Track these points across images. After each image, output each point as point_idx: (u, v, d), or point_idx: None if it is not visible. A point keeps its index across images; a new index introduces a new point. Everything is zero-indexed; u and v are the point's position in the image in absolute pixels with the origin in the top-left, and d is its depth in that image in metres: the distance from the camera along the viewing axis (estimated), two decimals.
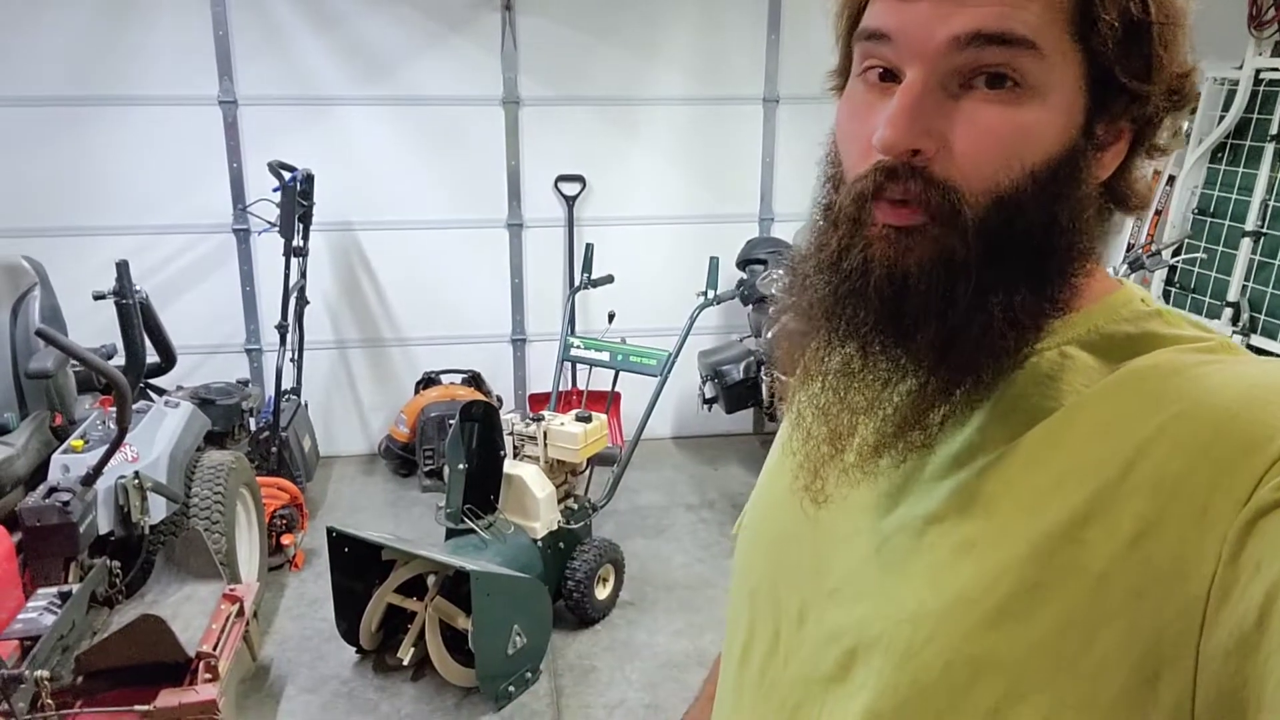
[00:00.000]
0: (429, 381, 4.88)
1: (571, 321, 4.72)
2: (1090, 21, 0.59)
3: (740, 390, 4.53)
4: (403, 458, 4.73)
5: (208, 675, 2.56)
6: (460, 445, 3.27)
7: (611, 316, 3.97)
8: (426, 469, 4.58)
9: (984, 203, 0.60)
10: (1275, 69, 3.92)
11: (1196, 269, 4.25)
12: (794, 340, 0.72)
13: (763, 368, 4.44)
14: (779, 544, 0.78)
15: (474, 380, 4.91)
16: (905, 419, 0.65)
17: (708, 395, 4.64)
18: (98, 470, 2.74)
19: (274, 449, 4.09)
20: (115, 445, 2.73)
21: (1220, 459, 0.54)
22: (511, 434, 3.47)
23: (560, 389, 4.44)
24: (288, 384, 4.40)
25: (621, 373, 3.91)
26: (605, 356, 3.88)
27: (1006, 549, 0.59)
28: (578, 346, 3.96)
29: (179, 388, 4.14)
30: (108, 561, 2.82)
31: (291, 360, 4.41)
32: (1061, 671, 0.56)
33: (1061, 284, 0.63)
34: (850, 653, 0.66)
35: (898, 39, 0.62)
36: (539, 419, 3.45)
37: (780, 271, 4.09)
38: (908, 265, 0.62)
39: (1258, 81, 4.00)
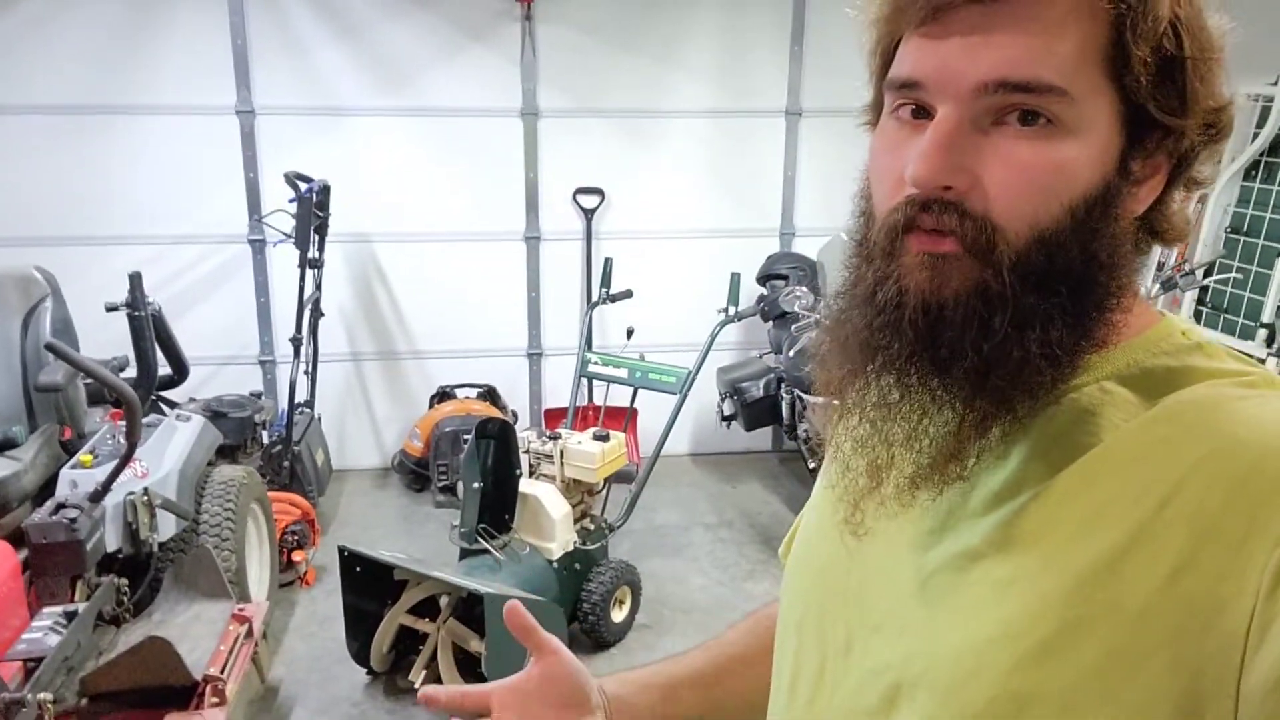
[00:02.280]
0: (444, 395, 4.83)
1: (589, 337, 4.66)
2: (1123, 58, 0.59)
3: (760, 408, 4.45)
4: (416, 473, 4.67)
5: (215, 699, 2.50)
6: (475, 463, 3.20)
7: (630, 332, 3.91)
8: (440, 485, 4.51)
9: (1023, 240, 0.60)
10: None
11: (1229, 289, 4.15)
12: (829, 364, 0.72)
13: (783, 385, 4.36)
14: (824, 575, 0.78)
15: (489, 395, 4.85)
16: (941, 452, 0.65)
17: (726, 412, 4.56)
18: (106, 486, 2.69)
19: (286, 463, 4.03)
20: (124, 461, 2.68)
21: (1257, 495, 0.53)
22: (528, 452, 3.41)
23: (577, 405, 4.38)
24: (301, 397, 4.35)
25: (640, 389, 3.84)
26: (623, 373, 3.81)
27: (1048, 584, 0.59)
28: (595, 363, 3.89)
29: (191, 400, 4.10)
30: (115, 580, 2.76)
31: (305, 373, 4.36)
32: (1106, 705, 0.56)
33: (1099, 319, 0.63)
34: (894, 688, 0.66)
35: (927, 82, 0.62)
36: (556, 437, 3.38)
37: (811, 297, 4.02)
38: (944, 295, 0.62)
39: None
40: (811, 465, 4.28)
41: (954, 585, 0.65)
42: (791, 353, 4.02)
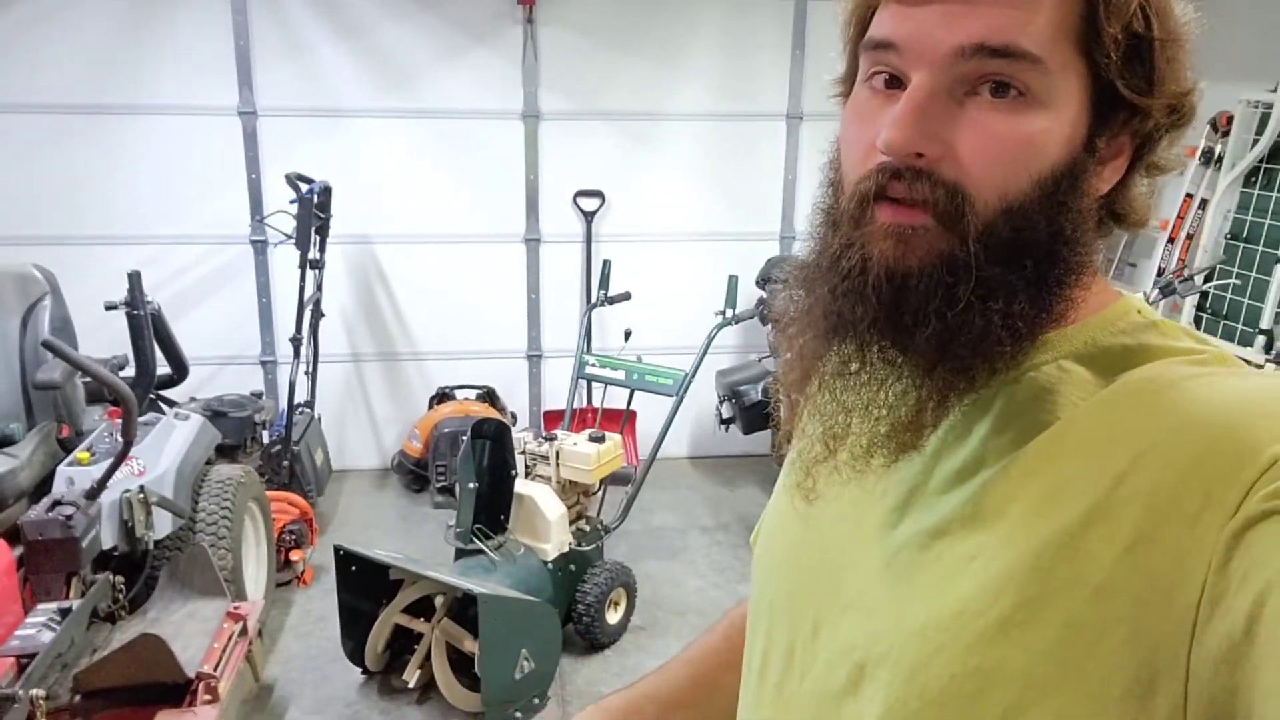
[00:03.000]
0: (443, 397, 4.83)
1: (589, 338, 4.66)
2: (1095, 34, 0.60)
3: (758, 411, 4.45)
4: (415, 473, 4.68)
5: (207, 697, 2.51)
6: (471, 464, 3.21)
7: (628, 334, 3.92)
8: (439, 485, 4.52)
9: (991, 209, 0.61)
10: None
11: (1229, 295, 4.14)
12: (794, 331, 0.72)
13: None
14: (793, 558, 0.78)
15: (489, 396, 4.86)
16: (898, 419, 0.66)
17: (725, 415, 4.56)
18: (101, 484, 2.70)
19: (285, 463, 4.04)
20: (119, 459, 2.69)
21: (1211, 471, 0.54)
22: (524, 453, 3.41)
23: (577, 406, 4.38)
24: (302, 397, 4.37)
25: (639, 391, 3.85)
26: (620, 375, 3.82)
27: (1008, 560, 0.60)
28: (593, 364, 3.90)
29: (192, 399, 4.12)
30: (110, 577, 2.78)
31: (306, 373, 4.37)
32: (1068, 678, 0.57)
33: (1060, 295, 0.64)
34: (860, 667, 0.67)
35: (904, 46, 0.62)
36: (551, 438, 3.38)
37: (779, 285, 4.02)
38: (908, 264, 0.62)
39: None
40: None
41: (917, 563, 0.66)
42: (777, 360, 4.02)
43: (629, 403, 3.97)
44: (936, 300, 0.62)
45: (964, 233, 0.61)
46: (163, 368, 3.56)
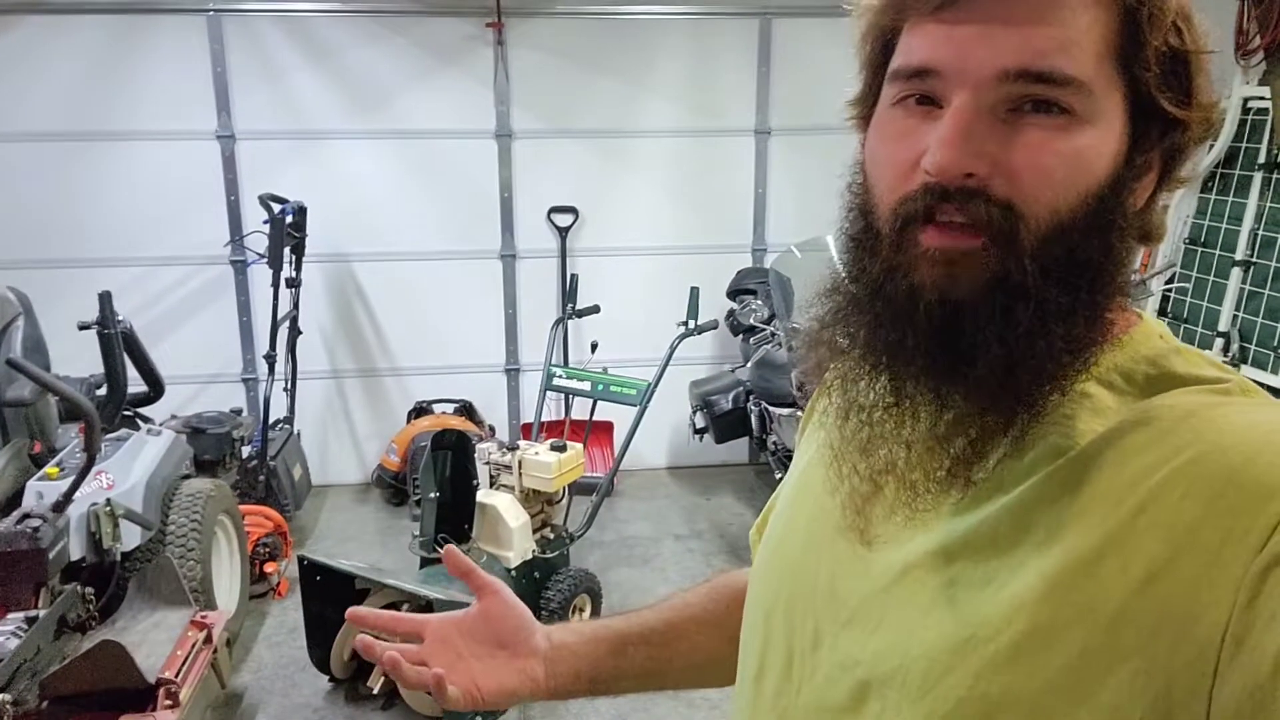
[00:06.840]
0: (421, 411, 4.92)
1: (565, 351, 4.76)
2: (1136, 49, 0.59)
3: (729, 420, 4.52)
4: (394, 487, 4.76)
5: (168, 702, 2.58)
6: (432, 474, 3.29)
7: (594, 346, 4.00)
8: (416, 498, 4.59)
9: (1044, 227, 0.59)
10: (1262, 97, 3.89)
11: (1188, 299, 4.20)
12: (822, 362, 0.71)
13: (751, 397, 4.43)
14: (796, 564, 0.76)
15: (466, 410, 4.94)
16: (958, 455, 0.64)
17: (698, 425, 4.63)
18: (67, 497, 2.78)
19: (261, 478, 4.12)
20: (84, 473, 2.77)
21: (1233, 505, 0.53)
22: (488, 463, 3.49)
23: (555, 418, 4.44)
24: (280, 413, 4.45)
25: (606, 402, 3.93)
26: (586, 386, 3.90)
27: (1021, 586, 0.59)
28: (560, 376, 3.98)
29: (173, 416, 4.21)
30: (79, 587, 2.85)
31: (284, 390, 4.46)
32: (1077, 708, 0.56)
33: (1107, 315, 0.63)
34: (864, 684, 0.66)
35: (944, 70, 0.60)
36: (514, 448, 3.46)
37: (766, 310, 4.09)
38: (960, 291, 0.60)
39: (1245, 110, 3.98)
40: (779, 475, 4.34)
41: (927, 583, 0.64)
42: (749, 365, 4.09)
43: (592, 412, 4.05)
44: (996, 324, 0.59)
45: (1019, 251, 0.59)
46: (140, 386, 3.66)
